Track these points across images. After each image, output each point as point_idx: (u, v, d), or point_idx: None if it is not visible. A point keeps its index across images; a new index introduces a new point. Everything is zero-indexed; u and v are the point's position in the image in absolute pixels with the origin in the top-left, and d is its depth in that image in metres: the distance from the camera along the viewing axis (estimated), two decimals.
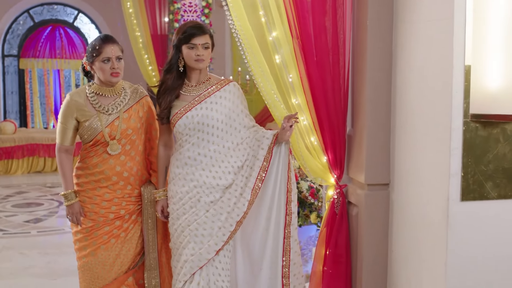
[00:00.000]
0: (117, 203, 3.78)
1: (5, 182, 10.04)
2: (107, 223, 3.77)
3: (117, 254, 3.80)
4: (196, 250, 3.54)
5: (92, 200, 3.76)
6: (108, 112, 3.70)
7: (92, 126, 3.68)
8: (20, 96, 14.09)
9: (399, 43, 3.58)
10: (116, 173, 3.74)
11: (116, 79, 3.68)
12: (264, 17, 3.71)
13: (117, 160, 3.74)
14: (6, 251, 6.29)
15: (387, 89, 3.67)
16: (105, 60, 3.64)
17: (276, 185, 3.61)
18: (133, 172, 3.79)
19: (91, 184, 3.76)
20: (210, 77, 3.71)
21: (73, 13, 14.37)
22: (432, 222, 3.25)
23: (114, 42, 3.68)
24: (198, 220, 3.56)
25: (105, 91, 3.73)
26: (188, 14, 12.13)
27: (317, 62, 3.74)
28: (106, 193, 3.75)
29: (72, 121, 3.72)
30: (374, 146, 3.68)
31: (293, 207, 3.64)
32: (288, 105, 3.80)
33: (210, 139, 3.60)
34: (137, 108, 3.78)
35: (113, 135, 3.69)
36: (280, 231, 3.61)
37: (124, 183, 3.77)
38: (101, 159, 3.73)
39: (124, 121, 3.71)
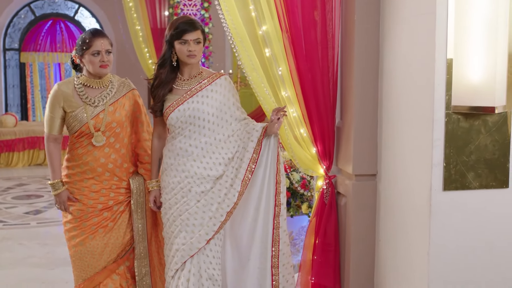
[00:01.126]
0: (105, 194, 3.88)
1: (6, 175, 10.16)
2: (96, 214, 3.87)
3: (105, 243, 3.89)
4: (187, 239, 3.64)
5: (81, 192, 3.85)
6: (94, 104, 3.80)
7: (77, 117, 3.78)
8: (21, 90, 14.19)
9: (386, 37, 3.66)
10: (101, 165, 3.84)
11: (105, 70, 3.81)
12: (254, 11, 3.79)
13: (102, 152, 3.83)
14: (6, 241, 6.40)
15: (374, 82, 3.75)
16: (94, 53, 3.77)
17: (265, 177, 3.69)
18: (117, 164, 3.89)
19: (78, 176, 3.86)
20: (202, 71, 3.80)
21: (73, 7, 14.45)
22: (415, 211, 3.33)
23: (103, 36, 3.82)
24: (189, 210, 3.65)
25: (93, 82, 3.85)
26: (187, 8, 12.19)
27: (306, 56, 3.82)
28: (93, 184, 3.85)
29: (59, 111, 3.82)
30: (361, 138, 3.77)
31: (282, 198, 3.73)
32: (278, 98, 3.88)
33: (202, 132, 3.69)
34: (123, 101, 3.89)
35: (98, 127, 3.79)
36: (270, 222, 3.69)
37: (110, 175, 3.88)
38: (86, 150, 3.83)
39: (109, 114, 3.82)
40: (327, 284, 3.99)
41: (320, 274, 3.97)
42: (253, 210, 3.70)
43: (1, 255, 5.94)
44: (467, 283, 3.27)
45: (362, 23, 3.71)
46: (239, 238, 3.72)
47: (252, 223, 3.69)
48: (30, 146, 10.90)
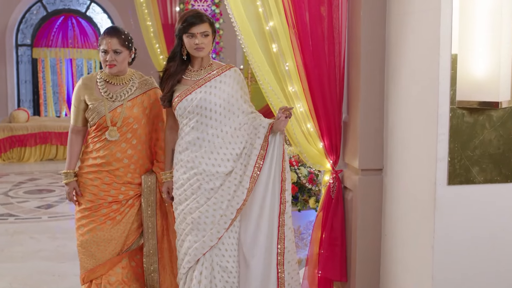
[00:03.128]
0: (116, 188, 3.97)
1: (18, 169, 10.25)
2: (105, 206, 3.96)
3: (111, 235, 3.98)
4: (199, 237, 3.68)
5: (93, 182, 3.96)
6: (112, 98, 3.91)
7: (96, 110, 3.89)
8: (33, 85, 14.28)
9: (391, 33, 3.68)
10: (116, 159, 3.92)
11: (111, 70, 3.88)
12: (261, 7, 3.82)
13: (118, 146, 3.92)
14: (18, 235, 6.48)
15: (380, 77, 3.77)
16: (103, 51, 3.87)
17: (270, 174, 3.69)
18: (133, 160, 3.97)
19: (93, 167, 3.95)
20: (212, 63, 3.83)
21: (85, 2, 14.50)
22: (420, 205, 3.36)
23: (113, 36, 3.86)
24: (200, 208, 3.69)
25: (113, 79, 3.95)
26: (198, 3, 12.22)
27: (313, 51, 3.84)
28: (106, 176, 3.94)
29: (82, 103, 3.96)
30: (367, 133, 3.79)
31: (287, 196, 3.73)
32: (285, 93, 3.91)
33: (209, 123, 3.72)
34: (142, 98, 3.98)
35: (115, 121, 3.88)
36: (275, 220, 3.69)
37: (124, 170, 3.95)
38: (103, 144, 3.92)
39: (127, 109, 3.90)
40: (334, 278, 4.02)
41: (326, 267, 4.00)
42: (258, 207, 3.71)
43: (13, 249, 6.01)
44: (471, 276, 3.29)
45: (368, 18, 3.73)
46: (244, 235, 3.75)
47: (257, 220, 3.70)
48: (42, 141, 10.98)
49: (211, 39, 3.77)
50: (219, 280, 3.69)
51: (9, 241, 6.25)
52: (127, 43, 3.90)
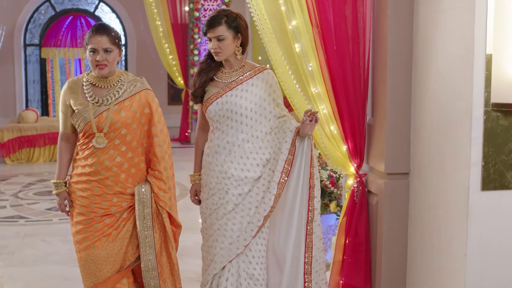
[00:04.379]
0: (108, 199, 3.62)
1: (27, 170, 10.16)
2: (97, 221, 3.62)
3: (108, 253, 3.65)
4: (225, 244, 3.57)
5: (83, 193, 3.61)
6: (98, 103, 3.56)
7: (81, 115, 3.56)
8: (41, 85, 14.23)
9: (419, 32, 3.57)
10: (105, 168, 3.59)
11: (102, 71, 3.54)
12: (284, 5, 3.71)
13: (106, 154, 3.59)
14: (29, 238, 6.37)
15: (407, 78, 3.66)
16: (91, 51, 3.52)
17: (298, 181, 3.57)
18: (123, 168, 3.63)
19: (82, 177, 3.63)
20: (244, 64, 3.70)
21: (94, 2, 14.46)
22: (451, 211, 3.24)
23: (103, 33, 3.52)
24: (227, 215, 3.58)
25: (99, 81, 3.60)
26: (208, 3, 12.14)
27: (337, 51, 3.73)
28: (96, 187, 3.60)
29: (68, 108, 3.64)
30: (394, 135, 3.68)
31: (315, 203, 3.60)
32: (307, 94, 3.80)
33: (239, 128, 3.60)
34: (131, 101, 3.62)
35: (101, 127, 3.55)
36: (303, 228, 3.57)
37: (114, 179, 3.62)
38: (90, 151, 3.60)
39: (114, 113, 3.56)
40: (358, 285, 3.91)
41: (350, 274, 3.89)
42: (287, 214, 3.58)
43: (25, 252, 5.91)
44: (506, 284, 3.17)
45: (395, 17, 3.62)
46: (274, 242, 3.64)
47: (286, 228, 3.58)
48: (51, 141, 10.89)
49: (230, 42, 3.59)
50: (245, 287, 3.58)
51: (20, 244, 6.14)
52: (117, 41, 3.58)
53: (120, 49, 3.61)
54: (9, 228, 6.76)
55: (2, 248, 5.98)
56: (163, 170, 3.68)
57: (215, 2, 12.20)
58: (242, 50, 3.68)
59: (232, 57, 3.65)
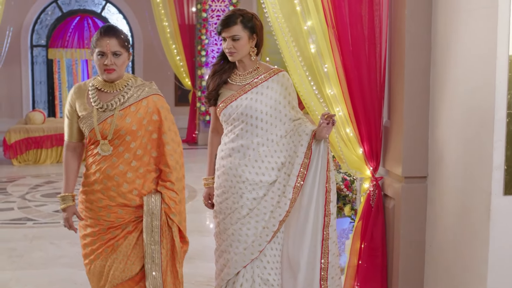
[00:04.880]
0: (113, 211, 3.40)
1: (35, 172, 10.11)
2: (103, 232, 3.42)
3: (109, 265, 3.44)
4: (240, 249, 3.50)
5: (89, 205, 3.42)
6: (103, 108, 3.37)
7: (86, 121, 3.38)
8: (48, 86, 14.20)
9: (438, 32, 3.49)
10: (107, 177, 3.37)
11: (110, 76, 3.35)
12: (299, 5, 3.65)
13: (109, 162, 3.37)
14: (37, 240, 6.31)
15: (425, 80, 3.58)
16: (99, 54, 3.33)
17: (314, 185, 3.49)
18: (126, 178, 3.38)
19: (88, 187, 3.42)
20: (259, 66, 3.62)
21: (100, 3, 14.42)
22: (472, 215, 3.16)
23: (112, 36, 3.33)
24: (242, 220, 3.51)
25: (105, 86, 3.42)
26: (216, 4, 12.09)
27: (353, 52, 3.67)
28: (100, 198, 3.39)
29: (74, 114, 3.44)
30: (412, 138, 3.60)
31: (331, 208, 3.52)
32: (323, 96, 3.73)
33: (254, 131, 3.53)
34: (137, 107, 3.40)
35: (105, 134, 3.35)
36: (319, 233, 3.50)
37: (116, 190, 3.38)
38: (94, 159, 3.40)
39: (118, 119, 3.36)
40: None
41: (366, 279, 3.82)
42: (302, 219, 3.51)
43: (33, 255, 5.85)
44: None
45: (413, 18, 3.55)
46: (288, 247, 3.57)
47: (301, 233, 3.51)
48: (58, 143, 10.84)
49: (245, 42, 3.52)
50: None
51: (28, 247, 6.09)
52: (127, 44, 3.40)
53: (129, 53, 3.43)
54: (17, 231, 6.71)
55: (11, 251, 5.93)
56: (175, 181, 3.44)
57: (223, 3, 12.14)
58: (257, 51, 3.62)
59: (246, 58, 3.58)
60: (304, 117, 3.66)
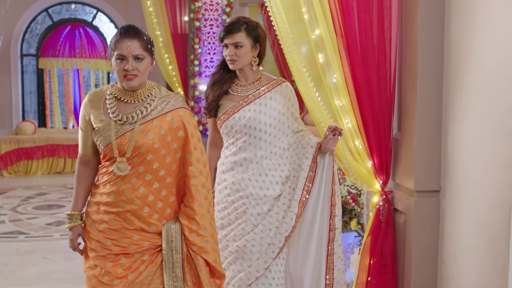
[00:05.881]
0: (127, 235, 3.00)
1: (25, 183, 9.92)
2: (111, 259, 3.00)
3: None
4: (244, 267, 3.38)
5: (98, 226, 3.02)
6: (122, 121, 2.97)
7: (101, 134, 2.99)
8: (38, 96, 14.01)
9: (452, 41, 3.38)
10: (125, 200, 2.98)
11: (131, 83, 2.93)
12: (307, 13, 3.53)
13: (127, 183, 2.97)
14: (30, 255, 6.14)
15: (438, 89, 3.46)
16: (118, 58, 2.92)
17: (319, 198, 3.40)
18: (148, 201, 2.98)
19: (99, 206, 3.04)
20: (261, 76, 3.52)
21: (91, 12, 14.26)
22: (490, 231, 3.04)
23: (133, 37, 2.91)
24: (246, 236, 3.38)
25: (125, 95, 3.00)
26: (209, 13, 11.96)
27: (362, 61, 3.55)
28: (113, 220, 3.00)
29: (88, 126, 3.06)
30: (424, 150, 3.48)
31: (336, 222, 3.43)
32: (331, 107, 3.61)
33: (257, 144, 3.42)
34: (161, 122, 2.98)
35: (123, 150, 2.94)
36: (323, 248, 3.40)
37: (135, 213, 2.99)
38: (109, 178, 3.00)
39: (139, 135, 2.94)
40: None
41: None
42: (306, 234, 3.42)
43: (25, 270, 5.69)
44: None
45: (426, 27, 3.43)
46: (291, 263, 3.45)
47: (304, 248, 3.41)
48: (50, 153, 10.67)
49: (248, 50, 3.42)
50: None
51: (20, 262, 5.92)
52: (150, 46, 2.97)
53: (152, 57, 3.01)
54: (9, 245, 6.55)
55: (3, 266, 5.77)
56: (197, 207, 3.00)
57: (216, 12, 12.01)
58: (259, 61, 3.52)
59: (247, 68, 3.47)
60: (306, 129, 3.55)
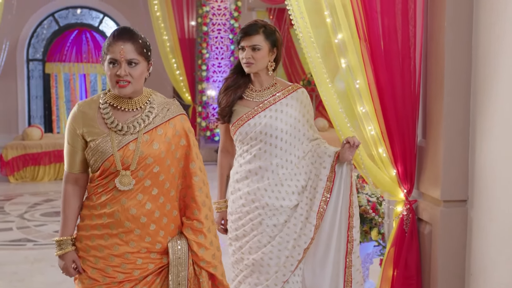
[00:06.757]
0: (131, 261, 2.75)
1: (32, 189, 9.82)
2: (114, 286, 2.75)
3: None
4: (261, 280, 3.27)
5: (97, 252, 2.74)
6: (122, 131, 2.72)
7: (99, 148, 2.70)
8: (44, 101, 13.94)
9: (480, 44, 3.26)
10: (131, 218, 2.72)
11: (123, 90, 2.69)
12: (329, 17, 3.42)
13: (133, 199, 2.72)
14: (38, 263, 6.03)
15: (466, 95, 3.34)
16: (111, 62, 2.68)
17: (337, 209, 3.30)
18: (154, 217, 2.76)
19: (98, 230, 2.75)
20: (276, 82, 3.42)
21: (98, 16, 14.21)
22: None
23: (127, 40, 2.67)
24: (263, 249, 3.27)
25: (122, 103, 2.76)
26: (217, 18, 11.89)
27: (386, 66, 3.44)
28: (115, 244, 2.73)
29: (79, 140, 2.75)
30: (451, 159, 3.35)
31: (354, 234, 3.33)
32: (354, 114, 3.50)
33: (273, 152, 3.31)
34: (165, 129, 2.78)
35: (127, 163, 2.69)
36: (341, 260, 3.30)
37: (141, 233, 2.75)
38: (111, 196, 2.72)
39: (144, 145, 2.72)
40: None
41: None
42: (324, 246, 3.31)
43: (34, 279, 5.57)
44: None
45: (453, 29, 3.31)
46: (309, 275, 3.34)
47: (322, 261, 3.30)
48: (56, 159, 10.55)
49: (265, 54, 3.32)
50: None
51: (29, 270, 5.80)
52: (146, 50, 2.73)
53: (149, 62, 2.77)
54: (17, 253, 6.43)
55: (11, 275, 5.65)
56: (204, 220, 2.82)
57: (224, 17, 11.93)
58: (274, 67, 3.41)
59: (263, 72, 3.37)
60: (320, 137, 3.45)
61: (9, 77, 13.41)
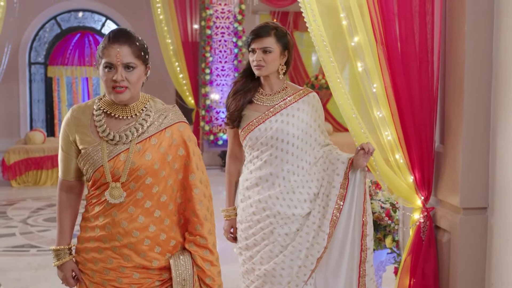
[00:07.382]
0: (127, 275, 2.62)
1: (35, 194, 9.74)
2: None
3: None
4: None
5: (93, 265, 2.63)
6: (114, 140, 2.58)
7: (90, 157, 2.58)
8: (46, 104, 13.86)
9: (501, 49, 3.17)
10: (122, 232, 2.59)
11: (120, 96, 2.54)
12: (345, 19, 3.33)
13: (124, 212, 2.58)
14: (42, 270, 5.94)
15: (486, 100, 3.25)
16: (106, 66, 2.53)
17: (350, 217, 3.22)
18: (148, 232, 2.61)
19: (92, 242, 2.62)
20: (287, 86, 3.34)
21: (100, 19, 14.14)
22: None
23: (124, 43, 2.52)
24: (275, 259, 3.19)
25: (116, 110, 2.62)
26: (220, 21, 11.82)
27: (403, 70, 3.35)
28: (109, 257, 2.61)
29: (72, 147, 2.64)
30: (471, 164, 3.26)
31: (368, 242, 3.26)
32: (370, 118, 3.41)
33: (284, 158, 3.22)
34: (160, 139, 2.62)
35: (117, 174, 2.55)
36: (354, 270, 3.23)
37: (135, 248, 2.61)
38: (103, 208, 2.59)
39: (136, 155, 2.57)
40: None
41: None
42: (337, 254, 3.24)
43: (39, 285, 5.50)
44: None
45: (474, 34, 3.21)
46: (322, 284, 3.26)
47: (335, 270, 3.23)
48: None
49: (276, 57, 3.25)
50: None
51: (33, 277, 5.72)
52: (143, 53, 2.58)
53: (146, 66, 2.62)
54: (20, 259, 6.35)
55: (15, 282, 5.57)
56: (208, 235, 2.67)
57: (227, 20, 11.86)
58: (285, 70, 3.33)
59: (273, 76, 3.29)
60: (332, 143, 3.37)
61: (11, 80, 13.32)
